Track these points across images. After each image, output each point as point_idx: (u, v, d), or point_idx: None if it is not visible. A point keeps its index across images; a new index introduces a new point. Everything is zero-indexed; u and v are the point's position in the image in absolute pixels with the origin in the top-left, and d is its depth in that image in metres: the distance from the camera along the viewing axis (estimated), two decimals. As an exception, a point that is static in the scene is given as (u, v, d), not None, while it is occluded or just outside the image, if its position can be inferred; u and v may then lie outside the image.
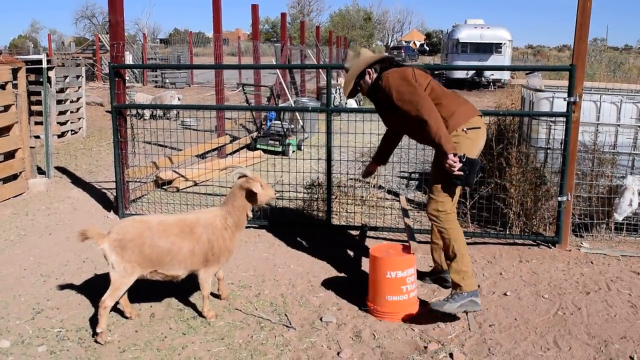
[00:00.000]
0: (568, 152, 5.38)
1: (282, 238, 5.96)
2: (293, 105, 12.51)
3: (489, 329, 4.08)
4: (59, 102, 11.77)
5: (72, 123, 12.19)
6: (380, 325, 4.11)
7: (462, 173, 4.01)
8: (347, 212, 6.42)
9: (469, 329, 4.07)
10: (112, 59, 6.57)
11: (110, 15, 6.62)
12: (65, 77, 12.04)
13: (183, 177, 7.88)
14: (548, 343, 3.90)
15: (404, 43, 76.58)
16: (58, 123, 11.57)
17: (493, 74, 27.40)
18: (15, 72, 7.53)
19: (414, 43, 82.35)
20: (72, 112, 12.21)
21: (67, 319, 4.18)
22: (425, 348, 3.80)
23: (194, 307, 4.36)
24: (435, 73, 32.21)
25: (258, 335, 3.97)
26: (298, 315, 4.26)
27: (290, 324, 4.11)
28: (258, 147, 10.58)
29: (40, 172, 8.23)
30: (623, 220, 5.81)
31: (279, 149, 10.46)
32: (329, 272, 5.09)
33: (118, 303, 4.08)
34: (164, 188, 7.73)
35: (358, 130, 6.66)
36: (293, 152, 10.59)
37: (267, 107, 11.32)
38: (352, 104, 16.97)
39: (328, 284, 4.81)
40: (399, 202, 5.24)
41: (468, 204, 6.08)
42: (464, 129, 4.23)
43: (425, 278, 4.91)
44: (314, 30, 26.61)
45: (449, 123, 4.17)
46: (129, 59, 26.07)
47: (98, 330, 3.87)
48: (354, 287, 4.75)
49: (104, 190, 7.68)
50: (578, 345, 3.86)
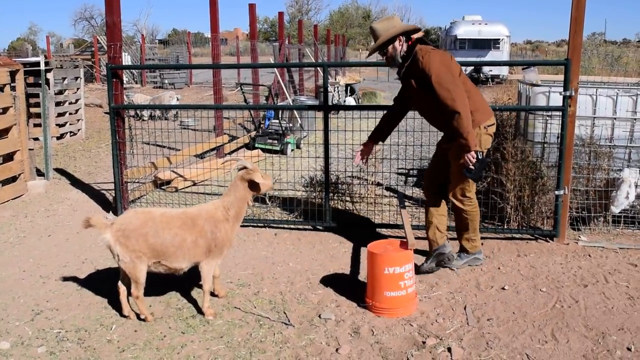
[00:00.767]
0: (565, 146, 5.39)
1: (280, 236, 5.98)
2: (291, 104, 12.52)
3: (487, 323, 4.09)
4: (58, 104, 11.79)
5: (70, 125, 12.22)
6: (379, 321, 4.12)
7: (474, 168, 4.45)
8: (345, 209, 6.43)
9: (467, 324, 4.08)
10: (109, 60, 6.58)
11: (107, 17, 6.64)
12: (64, 78, 12.06)
13: (182, 177, 7.89)
14: (546, 336, 3.91)
15: (403, 40, 76.38)
16: (57, 125, 11.59)
17: (491, 70, 27.39)
18: (14, 74, 7.55)
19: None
20: (70, 113, 12.24)
21: (66, 320, 4.19)
22: (424, 343, 3.82)
23: (193, 306, 4.38)
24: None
25: (257, 333, 3.98)
26: (297, 313, 4.28)
27: (289, 322, 4.12)
28: (257, 146, 10.60)
29: (39, 174, 8.25)
30: (620, 213, 5.83)
31: (278, 148, 10.47)
32: (328, 269, 5.11)
33: (128, 303, 4.10)
34: (163, 188, 7.74)
35: (356, 128, 6.67)
36: (292, 150, 10.60)
37: (264, 105, 11.35)
38: (350, 102, 17.00)
39: (326, 281, 4.83)
40: (396, 198, 5.26)
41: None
42: (486, 126, 4.59)
43: (424, 265, 5.05)
44: (312, 29, 26.62)
45: (474, 117, 4.45)
46: (128, 60, 26.11)
47: (142, 317, 4.12)
48: (353, 284, 4.77)
49: (103, 192, 7.69)
50: (576, 338, 3.88)
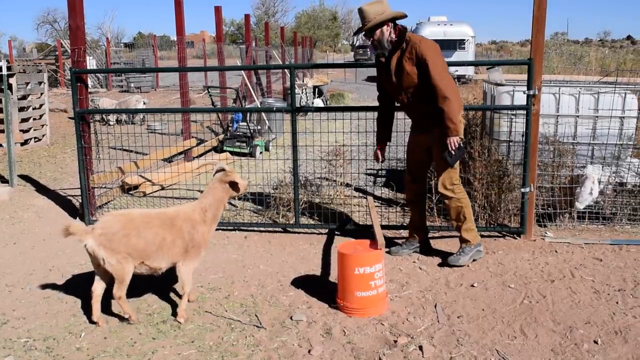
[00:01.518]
0: (529, 144, 5.48)
1: (251, 239, 5.96)
2: (259, 107, 12.49)
3: (458, 320, 4.14)
4: (21, 109, 11.56)
5: (35, 130, 12.00)
6: (351, 322, 4.14)
7: (454, 153, 4.71)
8: (315, 210, 6.43)
9: (438, 321, 4.12)
10: (73, 64, 6.49)
11: (71, 20, 6.54)
12: (27, 83, 11.84)
13: (149, 181, 7.82)
14: (515, 331, 3.97)
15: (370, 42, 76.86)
16: (20, 131, 11.36)
17: (457, 70, 27.66)
18: (-26, 80, 7.39)
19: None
20: (34, 119, 12.02)
21: (33, 329, 4.11)
22: (395, 342, 3.84)
23: (163, 311, 4.34)
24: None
25: (229, 337, 3.96)
26: (268, 315, 4.27)
27: (261, 324, 4.11)
28: (225, 149, 10.55)
29: (3, 181, 8.10)
30: (585, 209, 5.94)
31: (246, 151, 10.44)
32: (299, 271, 5.11)
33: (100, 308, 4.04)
34: (131, 193, 7.66)
35: (325, 129, 6.70)
36: (260, 153, 10.58)
37: (232, 108, 11.32)
38: (318, 104, 17.05)
39: (298, 283, 4.83)
40: (366, 199, 5.29)
41: (434, 198, 6.14)
42: (463, 116, 4.82)
43: (403, 248, 5.36)
44: (279, 31, 26.60)
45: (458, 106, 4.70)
46: (93, 64, 25.73)
47: (126, 316, 4.12)
48: (324, 285, 4.78)
49: (69, 198, 7.57)
50: (544, 332, 3.94)
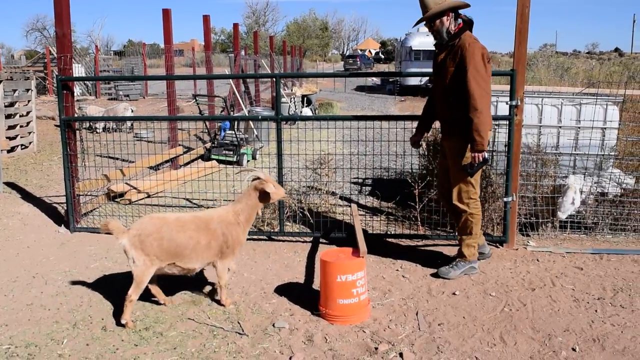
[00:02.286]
0: (512, 153, 5.54)
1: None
2: (246, 115, 12.52)
3: (438, 328, 4.17)
4: (8, 116, 11.54)
5: (22, 137, 11.96)
6: (332, 329, 4.16)
7: (475, 165, 4.65)
8: (300, 218, 6.46)
9: (419, 329, 4.16)
10: (59, 72, 6.49)
11: (57, 28, 6.55)
12: (14, 90, 11.81)
13: (135, 189, 7.82)
14: (495, 339, 4.01)
15: (360, 51, 77.32)
16: (7, 138, 11.34)
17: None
18: (-40, 86, 7.38)
19: (370, 51, 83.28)
20: (21, 126, 11.98)
21: (16, 335, 4.11)
22: (376, 349, 3.87)
23: (146, 318, 4.35)
24: (390, 80, 32.72)
25: (211, 344, 3.98)
26: (251, 322, 4.28)
27: (243, 331, 4.13)
28: (212, 157, 10.57)
29: (-12, 188, 8.06)
30: (567, 219, 6.01)
31: (234, 159, 10.46)
32: (282, 278, 5.13)
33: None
34: (117, 201, 7.66)
35: (313, 138, 6.74)
36: (248, 161, 10.61)
37: (218, 116, 11.35)
38: (307, 113, 17.10)
39: (281, 291, 4.85)
40: (350, 208, 5.32)
41: (418, 207, 6.19)
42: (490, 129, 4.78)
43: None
44: (268, 40, 26.69)
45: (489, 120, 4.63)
46: (81, 72, 25.66)
47: (123, 322, 4.19)
48: (307, 292, 4.80)
49: (55, 205, 7.56)
50: (523, 340, 3.99)
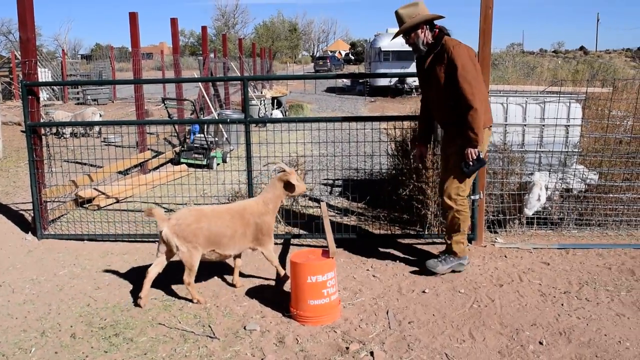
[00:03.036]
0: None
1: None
2: (215, 118, 12.48)
3: (408, 326, 4.21)
4: (-28, 123, 11.33)
5: (-14, 144, 11.76)
6: (304, 330, 4.17)
7: (472, 164, 4.68)
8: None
9: (390, 327, 4.19)
10: (24, 77, 6.40)
11: (21, 32, 6.46)
12: (-23, 97, 11.60)
13: (104, 194, 7.73)
14: (464, 335, 4.06)
15: (330, 53, 77.45)
16: (-29, 145, 11.13)
17: (415, 81, 28.07)
18: None
19: (339, 53, 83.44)
20: (-14, 133, 11.78)
21: (-19, 346, 4.05)
22: (347, 349, 3.89)
23: (116, 324, 4.31)
24: (360, 81, 32.86)
25: (182, 348, 3.96)
26: (222, 326, 4.27)
27: (214, 335, 4.12)
28: (182, 161, 10.50)
29: (-48, 196, 7.90)
30: (533, 215, 6.11)
31: (204, 162, 10.41)
32: (253, 281, 5.13)
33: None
34: (85, 207, 7.57)
35: (283, 140, 6.75)
36: (218, 164, 10.56)
37: (187, 120, 11.28)
38: (277, 115, 17.09)
39: (252, 293, 4.85)
40: (320, 208, 5.34)
41: (388, 207, 6.24)
42: (489, 127, 4.87)
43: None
44: (237, 43, 26.62)
45: (484, 118, 4.67)
46: (48, 76, 25.30)
47: (194, 301, 4.65)
48: (278, 294, 4.81)
49: (22, 212, 7.44)
50: (492, 335, 4.05)
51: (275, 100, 18.70)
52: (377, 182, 7.99)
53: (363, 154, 6.90)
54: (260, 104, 16.76)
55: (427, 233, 6.12)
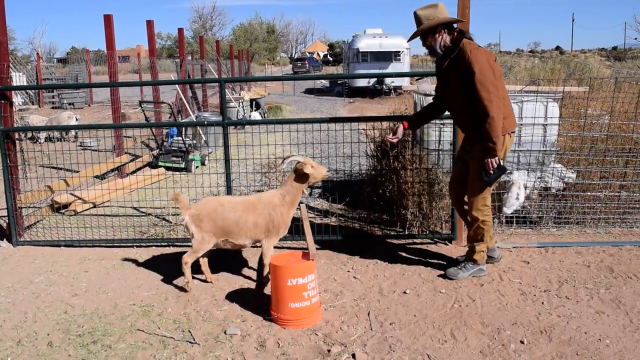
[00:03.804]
0: (457, 152, 5.62)
1: (184, 254, 5.87)
2: (193, 121, 12.39)
3: (390, 327, 4.20)
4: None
5: (-41, 150, 11.52)
6: (285, 333, 4.14)
7: (492, 173, 4.57)
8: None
9: (371, 329, 4.17)
10: (-4, 81, 6.29)
11: (-7, 36, 6.35)
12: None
13: (81, 199, 7.62)
14: (445, 335, 4.06)
15: (308, 54, 77.41)
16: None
17: (394, 81, 28.19)
18: None
19: (318, 54, 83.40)
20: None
21: (-46, 356, 3.96)
22: (329, 351, 3.87)
23: (95, 331, 4.24)
24: (339, 82, 32.89)
25: (161, 354, 3.90)
26: (202, 331, 4.22)
27: (194, 340, 4.07)
28: (160, 164, 10.40)
29: None
30: (513, 214, 6.14)
31: (182, 165, 10.33)
32: (233, 284, 5.08)
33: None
34: (61, 212, 7.46)
35: (261, 142, 6.70)
36: (196, 167, 10.49)
37: (165, 123, 11.18)
38: (256, 117, 17.02)
39: (232, 297, 4.80)
40: (299, 210, 5.31)
41: (368, 208, 6.23)
42: (510, 132, 4.73)
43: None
44: (215, 45, 26.50)
45: (504, 124, 4.54)
46: (23, 80, 24.95)
47: (185, 282, 4.89)
48: (259, 297, 4.77)
49: (-4, 219, 7.31)
50: (473, 335, 4.05)
51: (254, 102, 18.63)
52: (356, 183, 7.99)
53: (342, 155, 6.88)
54: (239, 106, 16.68)
55: (406, 233, 6.12)
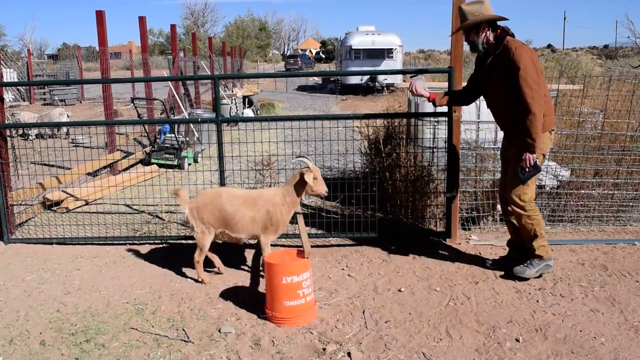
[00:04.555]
0: (451, 149, 5.62)
1: (177, 252, 5.85)
2: (186, 118, 12.34)
3: (385, 326, 4.18)
4: None
5: (-51, 147, 11.43)
6: (280, 332, 4.12)
7: (528, 170, 4.55)
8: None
9: (366, 327, 4.16)
10: (-15, 78, 6.24)
11: (-18, 32, 6.29)
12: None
13: (73, 196, 7.57)
14: (441, 333, 4.05)
15: (300, 51, 77.36)
16: None
17: (386, 79, 28.20)
18: None
19: (310, 51, 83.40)
20: (-51, 135, 11.45)
21: (-55, 355, 3.91)
22: (324, 350, 3.85)
23: (88, 330, 4.21)
24: (331, 80, 32.88)
25: (155, 353, 3.88)
26: (196, 329, 4.20)
27: (188, 338, 4.04)
28: (153, 161, 10.35)
29: None
30: (507, 212, 6.12)
31: (175, 162, 10.28)
32: (227, 283, 5.05)
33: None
34: (53, 209, 7.40)
35: (254, 139, 6.66)
36: (189, 164, 10.44)
37: (157, 120, 11.13)
38: (248, 114, 16.98)
39: (227, 295, 4.77)
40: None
41: (362, 206, 6.21)
42: (550, 130, 4.73)
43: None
44: (207, 42, 26.42)
45: (545, 122, 4.54)
46: (14, 77, 24.77)
47: (199, 280, 5.01)
48: (253, 295, 4.75)
49: (-13, 216, 7.24)
50: (469, 333, 4.04)
51: (247, 99, 18.59)
52: (350, 180, 7.97)
53: (336, 153, 6.85)
54: (232, 103, 16.64)
55: (401, 231, 6.10)
